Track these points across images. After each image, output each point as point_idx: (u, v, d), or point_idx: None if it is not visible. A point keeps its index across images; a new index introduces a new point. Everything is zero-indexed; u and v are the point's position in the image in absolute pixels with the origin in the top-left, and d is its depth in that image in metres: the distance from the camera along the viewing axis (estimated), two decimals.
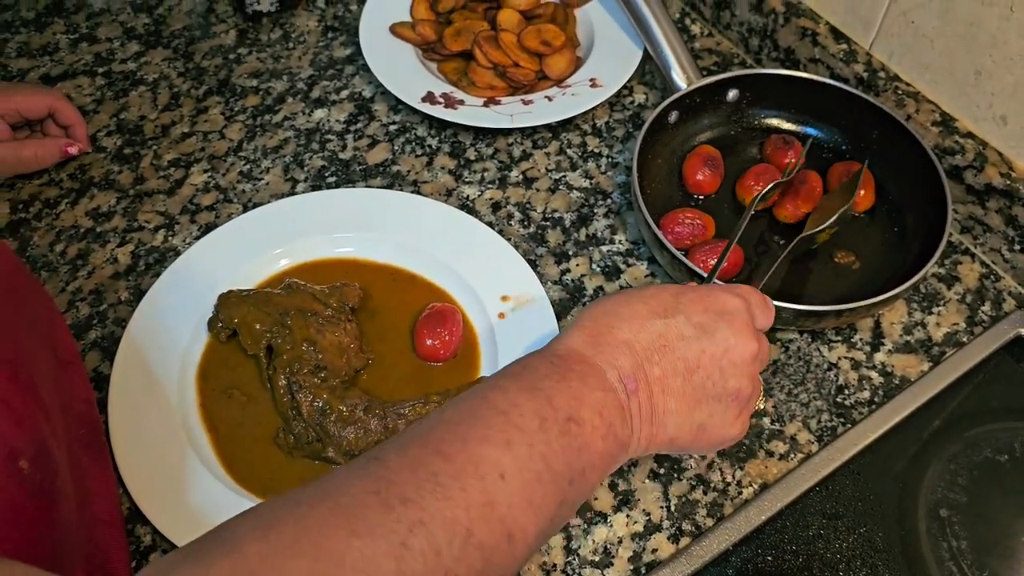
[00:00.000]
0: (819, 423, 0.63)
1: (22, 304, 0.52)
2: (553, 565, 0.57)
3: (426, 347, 0.64)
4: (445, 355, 0.64)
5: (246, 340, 0.62)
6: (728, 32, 0.88)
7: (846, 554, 0.58)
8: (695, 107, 0.76)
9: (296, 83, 0.84)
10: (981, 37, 0.67)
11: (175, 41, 0.88)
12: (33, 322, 0.53)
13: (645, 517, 0.58)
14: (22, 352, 0.46)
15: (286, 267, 0.69)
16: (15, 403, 0.42)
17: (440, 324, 0.64)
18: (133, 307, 0.66)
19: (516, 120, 0.77)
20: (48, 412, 0.46)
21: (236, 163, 0.78)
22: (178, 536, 0.55)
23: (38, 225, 0.73)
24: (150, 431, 0.60)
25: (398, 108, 0.82)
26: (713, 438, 0.49)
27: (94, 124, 0.81)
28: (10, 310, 0.47)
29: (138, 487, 0.57)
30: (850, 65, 0.77)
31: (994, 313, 0.69)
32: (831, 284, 0.69)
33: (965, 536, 0.58)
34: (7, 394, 0.41)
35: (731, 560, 0.58)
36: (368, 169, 0.78)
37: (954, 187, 0.71)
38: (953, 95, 0.71)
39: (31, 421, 0.43)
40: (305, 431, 0.59)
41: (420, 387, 0.63)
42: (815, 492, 0.60)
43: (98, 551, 0.50)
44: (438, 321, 0.64)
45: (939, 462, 0.62)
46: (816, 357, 0.66)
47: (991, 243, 0.71)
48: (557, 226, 0.74)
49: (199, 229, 0.73)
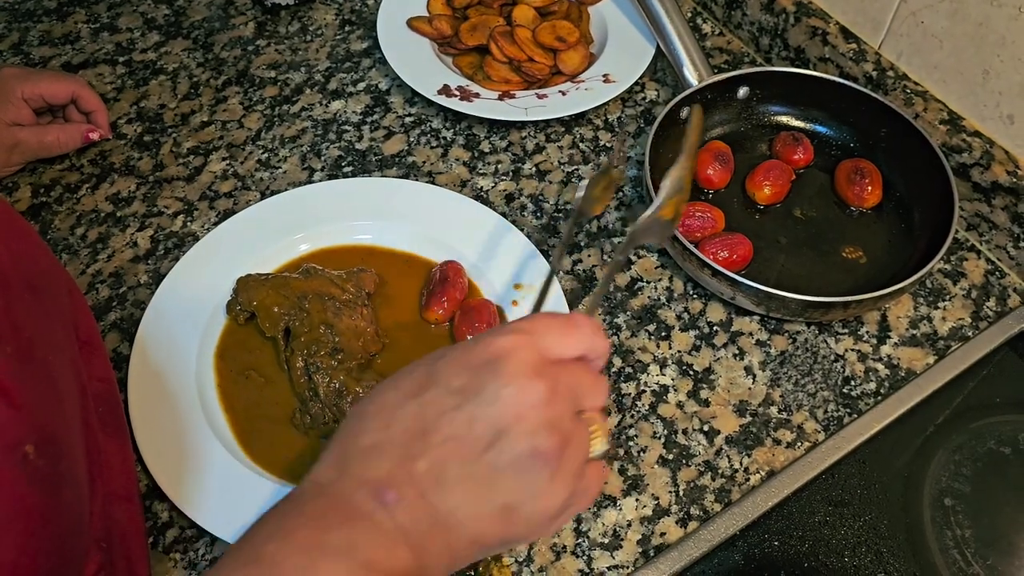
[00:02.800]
0: (826, 413, 0.64)
1: (42, 288, 0.53)
2: (563, 547, 0.58)
3: None
4: None
5: (264, 323, 0.63)
6: (739, 31, 0.89)
7: (851, 541, 0.59)
8: (706, 103, 0.78)
9: (314, 75, 0.86)
10: (990, 37, 0.68)
11: (195, 32, 0.90)
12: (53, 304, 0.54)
13: (654, 501, 0.60)
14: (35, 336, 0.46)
15: (304, 253, 0.70)
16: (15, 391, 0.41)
17: (478, 318, 0.65)
18: (152, 290, 0.68)
19: (530, 114, 0.78)
20: (61, 395, 0.46)
21: (254, 152, 0.79)
22: (195, 512, 0.56)
23: (59, 209, 0.75)
24: (169, 411, 0.61)
25: (414, 101, 0.83)
26: (532, 517, 0.40)
27: (115, 112, 0.82)
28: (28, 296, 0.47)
29: (157, 465, 0.58)
30: (859, 64, 0.78)
31: (999, 309, 0.70)
32: (838, 278, 0.70)
33: (969, 525, 0.59)
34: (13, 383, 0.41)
35: (738, 545, 0.59)
36: (384, 159, 0.79)
37: (961, 184, 0.72)
38: (961, 94, 0.73)
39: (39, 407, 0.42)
40: (322, 411, 0.60)
41: None
42: (821, 480, 0.61)
43: (115, 527, 0.51)
44: (476, 316, 0.65)
45: (944, 453, 0.63)
46: (823, 349, 0.67)
47: (997, 240, 0.72)
48: (569, 218, 0.75)
49: (217, 215, 0.74)
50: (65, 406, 0.47)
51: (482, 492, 0.39)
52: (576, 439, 0.40)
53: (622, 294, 0.70)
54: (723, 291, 0.66)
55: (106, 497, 0.51)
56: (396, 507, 0.38)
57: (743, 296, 0.65)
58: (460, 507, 0.39)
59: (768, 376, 0.66)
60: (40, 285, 0.52)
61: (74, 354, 0.53)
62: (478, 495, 0.39)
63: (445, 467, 0.38)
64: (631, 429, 0.63)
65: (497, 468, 0.38)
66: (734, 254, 0.68)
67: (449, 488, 0.38)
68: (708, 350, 0.67)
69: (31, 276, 0.50)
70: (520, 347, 0.40)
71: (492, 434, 0.38)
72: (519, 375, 0.39)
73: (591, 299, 0.52)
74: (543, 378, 0.39)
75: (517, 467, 0.38)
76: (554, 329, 0.41)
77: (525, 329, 0.41)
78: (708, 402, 0.64)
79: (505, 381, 0.39)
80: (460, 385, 0.39)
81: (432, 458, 0.38)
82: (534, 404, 0.39)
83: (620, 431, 0.63)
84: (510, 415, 0.38)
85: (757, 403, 0.64)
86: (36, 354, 0.46)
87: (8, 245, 0.48)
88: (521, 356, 0.39)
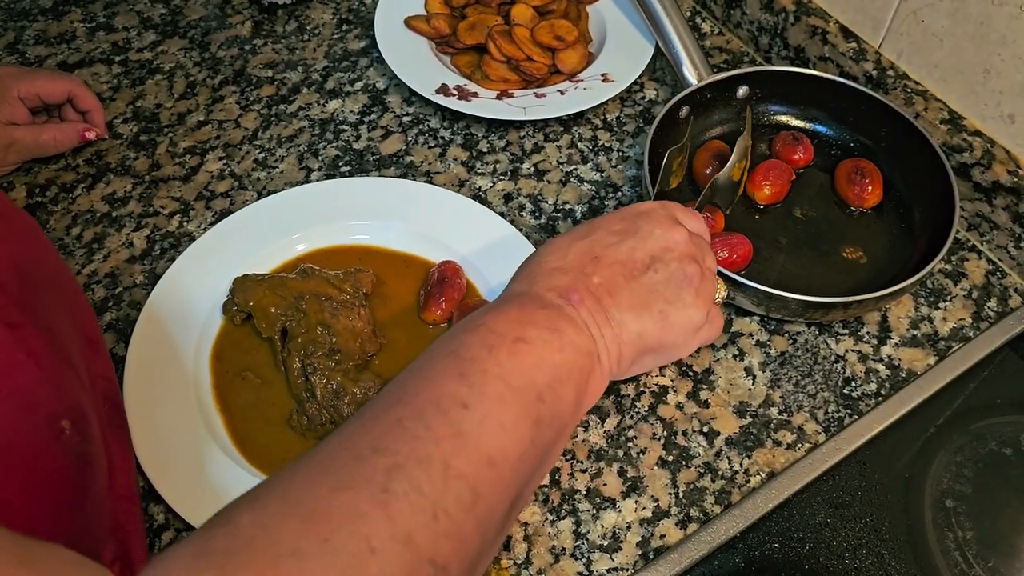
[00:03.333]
0: (826, 414, 0.63)
1: (52, 284, 0.53)
2: (562, 549, 0.57)
3: None
4: None
5: (261, 323, 0.63)
6: (738, 31, 0.89)
7: (852, 542, 0.58)
8: (705, 103, 0.77)
9: (311, 74, 0.85)
10: (990, 36, 0.67)
11: (191, 31, 0.89)
12: (63, 300, 0.54)
13: (654, 503, 0.59)
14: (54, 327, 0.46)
15: (301, 253, 0.70)
16: (53, 369, 0.42)
17: None
18: (148, 290, 0.67)
19: (528, 113, 0.78)
20: (83, 382, 0.46)
21: (251, 151, 0.79)
22: (191, 514, 0.56)
23: (55, 209, 0.74)
24: (165, 412, 0.60)
25: (411, 100, 0.83)
26: (681, 323, 0.50)
27: (111, 111, 0.82)
28: (45, 285, 0.48)
29: (153, 466, 0.58)
30: (859, 63, 0.77)
31: (1000, 309, 0.69)
32: (839, 279, 0.69)
33: (970, 527, 0.59)
34: (46, 360, 0.42)
35: (738, 547, 0.58)
36: (381, 159, 0.78)
37: (961, 184, 0.72)
38: (961, 93, 0.72)
39: (69, 386, 0.43)
40: (319, 412, 0.60)
41: None
42: (822, 481, 0.61)
43: (119, 526, 0.51)
44: None
45: (945, 454, 0.62)
46: (824, 349, 0.67)
47: (998, 240, 0.72)
48: (568, 217, 0.74)
49: (214, 215, 0.74)
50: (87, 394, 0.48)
51: (642, 299, 0.49)
52: (708, 274, 0.52)
53: None
54: None
55: (114, 495, 0.51)
56: (579, 305, 0.47)
57: (743, 296, 0.65)
58: (627, 310, 0.49)
59: (768, 377, 0.65)
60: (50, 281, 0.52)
61: (84, 349, 0.53)
62: (639, 301, 0.49)
63: (614, 281, 0.49)
64: (630, 430, 0.62)
65: (654, 282, 0.49)
66: (734, 254, 0.67)
67: (617, 296, 0.48)
68: (708, 351, 0.66)
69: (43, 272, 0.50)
70: (657, 208, 0.52)
71: (649, 259, 0.50)
72: (664, 222, 0.51)
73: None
74: (681, 226, 0.52)
75: (669, 282, 0.50)
76: (680, 208, 0.54)
77: (661, 202, 0.53)
78: (708, 403, 0.64)
79: (655, 225, 0.51)
80: (620, 228, 0.51)
81: (603, 275, 0.49)
82: (678, 241, 0.51)
83: (619, 432, 0.62)
84: (661, 247, 0.50)
85: (757, 404, 0.64)
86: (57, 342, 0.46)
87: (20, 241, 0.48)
88: (664, 212, 0.52)
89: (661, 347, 0.51)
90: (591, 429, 0.62)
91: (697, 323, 0.51)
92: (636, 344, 0.49)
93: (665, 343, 0.51)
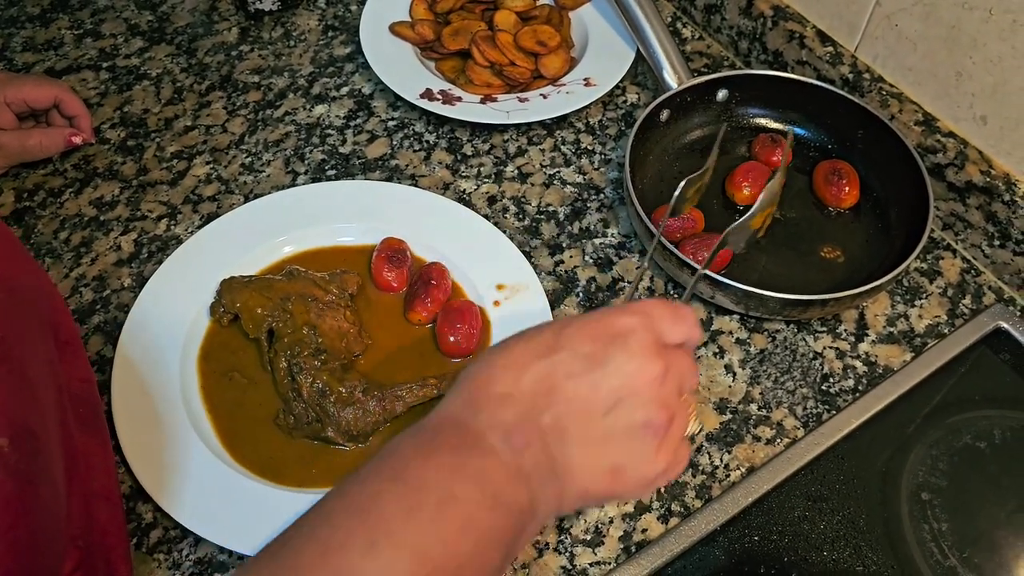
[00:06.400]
0: (805, 409, 0.65)
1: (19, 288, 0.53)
2: (546, 544, 0.58)
3: (449, 344, 0.65)
4: (468, 349, 0.65)
5: (248, 324, 0.64)
6: (718, 35, 0.90)
7: (830, 535, 0.59)
8: (686, 106, 0.79)
9: (297, 80, 0.86)
10: (962, 40, 0.69)
11: (178, 38, 0.90)
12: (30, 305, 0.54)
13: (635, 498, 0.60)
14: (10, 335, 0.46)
15: (288, 255, 0.71)
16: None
17: (459, 319, 0.65)
18: (136, 293, 0.68)
19: (512, 117, 0.79)
20: (36, 393, 0.46)
21: (238, 156, 0.80)
22: (179, 513, 0.56)
23: (42, 213, 0.75)
24: (152, 412, 0.61)
25: (397, 105, 0.84)
26: (634, 480, 0.44)
27: (98, 117, 0.82)
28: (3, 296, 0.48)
29: (141, 466, 0.58)
30: (836, 67, 0.79)
31: (974, 306, 0.71)
32: (817, 277, 0.71)
33: (945, 519, 0.60)
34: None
35: (719, 540, 0.59)
36: (367, 163, 0.79)
37: (936, 184, 0.73)
38: (935, 96, 0.74)
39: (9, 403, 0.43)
40: (305, 412, 0.60)
41: (417, 371, 0.64)
42: (800, 475, 0.62)
43: (95, 526, 0.51)
44: (457, 317, 0.65)
45: (921, 448, 0.64)
46: (802, 346, 0.68)
47: (972, 239, 0.73)
48: (551, 219, 0.76)
49: (201, 219, 0.75)
50: (41, 404, 0.47)
51: (597, 450, 0.42)
52: (679, 417, 0.44)
53: (604, 294, 0.71)
54: (703, 291, 0.67)
55: (85, 496, 0.51)
56: (523, 451, 0.41)
57: (723, 295, 0.66)
58: (576, 460, 0.42)
59: (748, 374, 0.66)
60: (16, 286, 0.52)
61: (51, 355, 0.53)
62: (593, 452, 0.42)
63: (567, 423, 0.42)
64: None
65: (613, 431, 0.42)
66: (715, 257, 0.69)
67: (569, 442, 0.42)
68: None
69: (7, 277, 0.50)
70: (642, 328, 0.44)
71: (612, 401, 0.42)
72: (640, 353, 0.43)
73: (687, 294, 0.60)
74: (660, 359, 0.43)
75: (630, 434, 0.43)
76: (667, 317, 0.45)
77: (645, 312, 0.45)
78: None
79: (629, 356, 0.43)
80: (587, 352, 0.43)
81: (556, 413, 0.42)
82: (650, 381, 0.43)
83: None
84: (629, 387, 0.42)
85: (737, 400, 0.65)
86: (12, 353, 0.46)
87: None
88: (643, 336, 0.43)
89: (608, 499, 0.46)
90: None
91: (653, 477, 0.44)
92: (580, 498, 0.44)
93: (613, 496, 0.45)
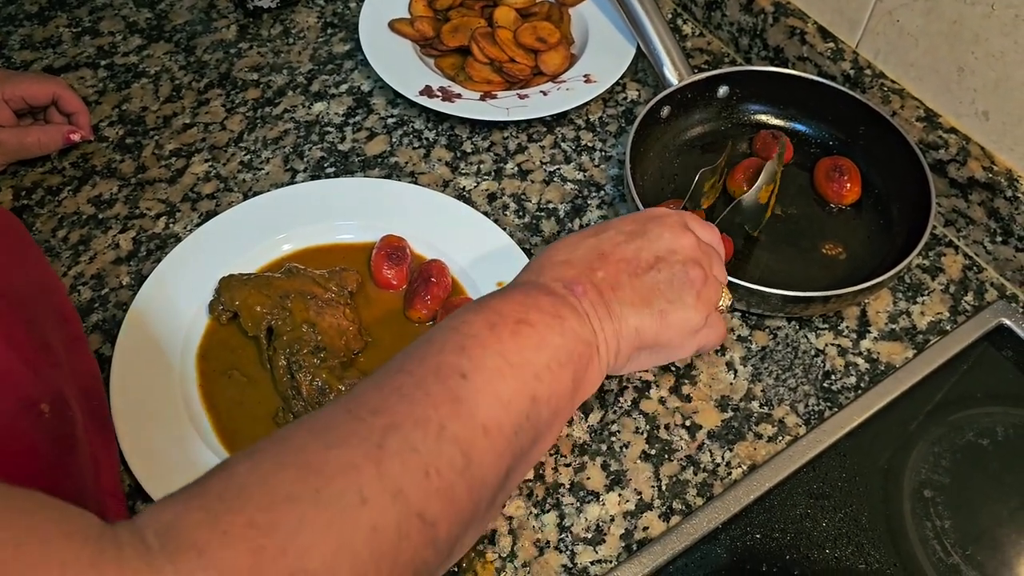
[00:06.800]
0: (806, 407, 0.64)
1: (35, 280, 0.53)
2: (547, 542, 0.58)
3: None
4: None
5: (247, 322, 0.63)
6: (719, 32, 0.90)
7: (832, 533, 0.59)
8: (686, 103, 0.78)
9: (296, 77, 0.86)
10: (964, 35, 0.69)
11: (177, 35, 0.90)
12: (44, 298, 0.54)
13: (636, 496, 0.60)
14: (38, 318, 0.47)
15: (287, 252, 0.70)
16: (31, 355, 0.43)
17: None
18: (134, 291, 0.67)
19: (512, 114, 0.79)
20: (64, 371, 0.47)
21: (237, 153, 0.79)
22: None
23: (41, 211, 0.74)
24: (151, 410, 0.61)
25: (396, 102, 0.84)
26: (678, 323, 0.51)
27: (96, 115, 0.82)
28: (23, 278, 0.48)
29: (140, 465, 0.58)
30: (837, 63, 0.79)
31: (977, 303, 0.70)
32: (818, 274, 0.70)
33: (948, 516, 0.60)
34: (24, 346, 0.42)
35: (720, 538, 0.59)
36: (366, 160, 0.79)
37: (938, 181, 0.73)
38: (937, 91, 0.74)
39: (49, 374, 0.44)
40: (304, 410, 0.60)
41: None
42: (802, 473, 0.61)
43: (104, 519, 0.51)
44: None
45: (923, 445, 0.63)
46: (804, 344, 0.68)
47: (974, 235, 0.73)
48: (552, 216, 0.75)
49: (200, 217, 0.74)
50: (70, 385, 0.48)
51: (643, 296, 0.50)
52: (712, 280, 0.53)
53: None
54: None
55: (99, 491, 0.51)
56: (582, 297, 0.49)
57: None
58: (626, 305, 0.50)
59: (749, 371, 0.66)
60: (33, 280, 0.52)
61: (67, 345, 0.53)
62: (640, 298, 0.50)
63: (618, 277, 0.50)
64: (614, 425, 0.63)
65: (656, 281, 0.51)
66: None
67: (620, 291, 0.50)
68: None
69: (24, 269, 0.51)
70: (671, 214, 0.54)
71: (653, 259, 0.51)
72: (674, 228, 0.52)
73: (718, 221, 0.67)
74: (691, 233, 0.53)
75: (671, 282, 0.51)
76: (696, 219, 0.56)
77: (677, 211, 0.55)
78: (690, 397, 0.65)
79: (665, 228, 0.52)
80: (630, 229, 0.52)
81: (608, 271, 0.50)
82: (685, 246, 0.52)
83: (602, 427, 0.63)
84: (667, 248, 0.51)
85: (739, 398, 0.65)
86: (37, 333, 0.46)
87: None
88: (676, 219, 0.53)
89: (657, 345, 0.52)
90: (575, 424, 0.63)
91: (695, 325, 0.52)
92: (634, 340, 0.50)
93: (661, 341, 0.52)
